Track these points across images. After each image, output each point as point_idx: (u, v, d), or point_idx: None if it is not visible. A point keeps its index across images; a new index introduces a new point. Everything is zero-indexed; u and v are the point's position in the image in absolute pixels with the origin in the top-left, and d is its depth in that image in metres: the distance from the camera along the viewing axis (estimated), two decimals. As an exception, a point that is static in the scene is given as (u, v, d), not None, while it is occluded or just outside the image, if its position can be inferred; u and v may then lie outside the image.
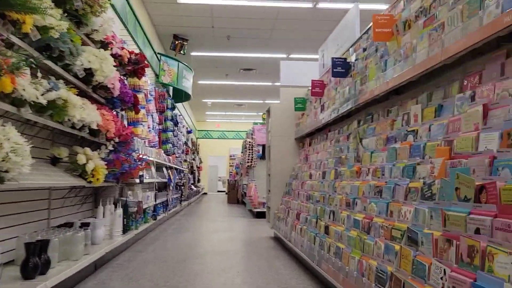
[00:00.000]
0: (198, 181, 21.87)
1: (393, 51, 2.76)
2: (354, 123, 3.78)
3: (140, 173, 5.44)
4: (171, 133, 10.29)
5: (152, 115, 8.35)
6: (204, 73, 14.80)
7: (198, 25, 10.34)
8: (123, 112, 5.89)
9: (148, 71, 9.50)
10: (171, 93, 12.20)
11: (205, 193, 24.41)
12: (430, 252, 1.72)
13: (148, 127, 7.76)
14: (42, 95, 2.80)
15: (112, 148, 4.45)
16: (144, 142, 7.30)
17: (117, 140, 4.43)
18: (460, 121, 1.92)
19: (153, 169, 7.03)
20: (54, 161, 3.75)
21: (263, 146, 10.10)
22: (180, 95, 12.59)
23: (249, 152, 9.73)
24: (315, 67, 6.27)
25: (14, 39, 2.54)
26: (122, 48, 4.86)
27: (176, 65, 10.96)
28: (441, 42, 2.08)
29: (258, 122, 15.89)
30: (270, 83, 16.20)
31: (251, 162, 9.71)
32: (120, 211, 4.87)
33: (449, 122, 2.04)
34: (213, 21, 10.04)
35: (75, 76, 3.61)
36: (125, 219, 5.14)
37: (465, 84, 2.07)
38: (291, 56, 12.44)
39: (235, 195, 16.11)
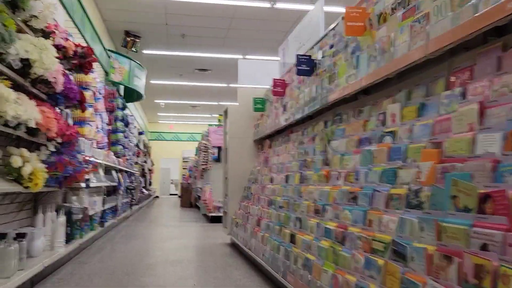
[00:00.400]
0: (150, 184, 21.14)
1: (366, 46, 2.57)
2: (320, 124, 3.57)
3: (86, 176, 4.98)
4: (121, 134, 9.75)
5: (101, 115, 7.82)
6: (157, 72, 14.27)
7: (151, 22, 9.87)
8: (68, 110, 5.39)
9: (97, 68, 8.94)
10: (122, 93, 11.61)
11: (157, 197, 23.69)
12: (422, 269, 1.51)
13: (97, 128, 7.25)
14: (-36, 86, 2.37)
15: (54, 150, 4.00)
16: (92, 143, 6.79)
17: (59, 140, 3.99)
18: (449, 121, 1.74)
19: (101, 172, 6.54)
20: (-16, 164, 3.28)
21: (219, 148, 9.79)
22: (132, 95, 12.02)
23: (204, 154, 9.38)
24: (274, 66, 6.06)
25: None
26: (67, 40, 4.41)
27: (128, 63, 10.43)
28: (425, 35, 1.89)
29: (214, 124, 15.55)
30: (225, 84, 15.90)
31: (206, 164, 9.37)
32: (62, 218, 4.40)
33: (435, 122, 1.85)
34: (167, 18, 9.62)
35: (9, 67, 3.16)
36: (68, 228, 4.67)
37: (452, 80, 1.89)
38: (247, 57, 12.20)
39: (189, 198, 15.66)
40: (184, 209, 14.27)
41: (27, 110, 3.21)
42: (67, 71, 4.84)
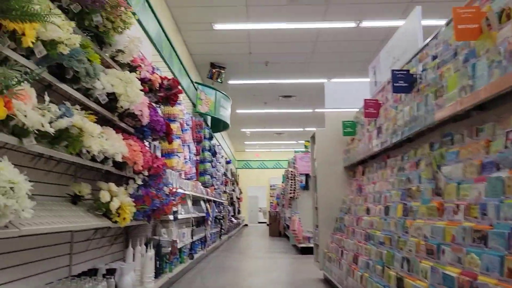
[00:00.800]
0: (239, 212, 21.29)
1: (484, 50, 2.12)
2: (424, 146, 3.10)
3: (174, 208, 4.93)
4: (209, 164, 9.84)
5: (188, 146, 7.93)
6: (242, 102, 14.46)
7: (235, 52, 10.01)
8: (156, 143, 5.46)
9: (184, 100, 9.19)
10: (209, 123, 11.86)
11: (246, 225, 23.75)
12: None
13: (184, 158, 7.33)
14: (51, 122, 2.35)
15: (141, 183, 3.97)
16: (180, 174, 6.85)
17: (146, 173, 3.95)
18: None
19: (189, 203, 6.52)
20: (75, 199, 3.29)
21: (307, 175, 9.45)
22: (218, 125, 12.22)
23: (291, 182, 9.10)
24: (363, 87, 5.65)
25: (14, 55, 2.12)
26: (153, 73, 4.45)
27: (214, 94, 10.62)
28: None
29: (300, 150, 15.27)
30: (310, 110, 15.63)
31: (293, 193, 9.06)
32: (151, 252, 4.34)
33: None
34: (250, 47, 9.68)
35: (97, 102, 3.18)
36: (157, 262, 4.61)
37: None
38: (333, 80, 11.86)
39: (277, 227, 15.37)
40: (273, 239, 14.00)
41: (113, 145, 3.17)
42: (154, 104, 4.90)
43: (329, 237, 5.44)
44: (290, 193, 9.05)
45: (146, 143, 5.08)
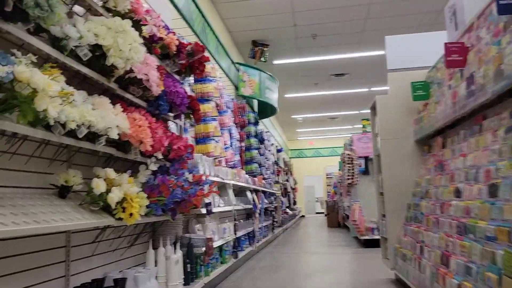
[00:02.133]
0: (294, 203, 20.32)
1: None
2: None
3: (206, 200, 4.07)
4: (255, 151, 8.95)
5: (229, 130, 7.08)
6: (290, 84, 13.43)
7: (278, 25, 9.00)
8: (182, 123, 4.63)
9: (225, 81, 8.35)
10: (255, 108, 10.97)
11: (302, 216, 22.76)
12: None
13: (225, 144, 6.48)
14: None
15: (155, 168, 3.13)
16: (219, 161, 6.01)
17: (160, 156, 3.10)
18: None
19: (230, 193, 5.67)
20: (63, 191, 2.49)
21: (366, 158, 8.31)
22: (266, 110, 11.29)
23: (349, 167, 8.00)
24: (434, 40, 4.46)
25: None
26: (168, 33, 3.59)
27: (258, 75, 9.70)
28: None
29: (357, 132, 14.02)
30: (366, 89, 14.30)
31: (352, 178, 7.96)
32: (179, 254, 3.51)
33: None
34: (294, 17, 8.63)
35: (85, 64, 2.35)
36: (188, 265, 3.78)
37: None
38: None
39: (336, 217, 14.27)
40: (332, 230, 12.92)
41: (104, 116, 2.34)
42: (176, 76, 4.06)
43: (400, 229, 4.36)
44: (348, 179, 7.97)
45: (172, 125, 4.27)
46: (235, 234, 5.42)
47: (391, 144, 4.54)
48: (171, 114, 3.76)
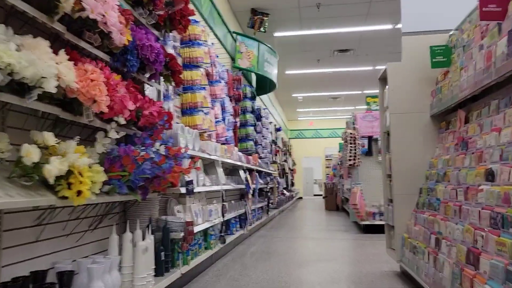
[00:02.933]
0: (292, 184, 19.84)
1: None
2: None
3: (186, 177, 3.50)
4: (251, 128, 8.36)
5: (222, 103, 6.48)
6: (291, 60, 12.75)
7: (279, -8, 8.31)
8: (163, 88, 4.02)
9: (221, 53, 7.71)
10: (253, 83, 10.33)
11: (300, 198, 22.31)
12: None
13: (216, 118, 5.88)
14: None
15: (118, 136, 2.55)
16: (209, 136, 5.43)
17: (122, 121, 2.51)
18: None
19: (219, 171, 5.10)
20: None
21: (369, 138, 7.72)
22: (264, 85, 10.64)
23: (351, 146, 7.42)
24: None
25: None
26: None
27: (256, 46, 9.03)
28: None
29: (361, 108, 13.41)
30: (370, 68, 13.63)
31: (354, 160, 7.39)
32: (148, 241, 2.95)
33: None
34: (297, -17, 7.93)
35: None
36: (162, 253, 3.23)
37: None
38: (399, 26, 9.81)
39: (334, 200, 13.77)
40: (329, 213, 12.42)
41: (34, 61, 1.74)
42: (156, 32, 3.44)
43: (409, 217, 3.81)
44: (350, 159, 7.40)
45: (152, 93, 3.67)
46: (223, 216, 4.87)
47: (403, 120, 3.94)
48: (147, 76, 3.17)
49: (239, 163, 6.19)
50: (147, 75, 3.19)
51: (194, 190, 3.75)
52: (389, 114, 4.02)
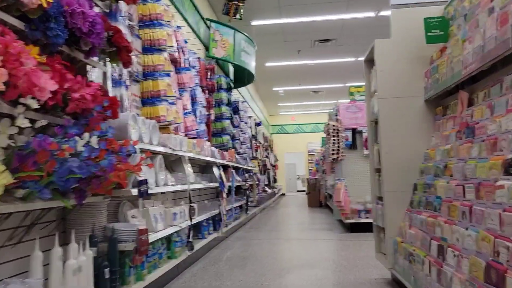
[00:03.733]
0: (274, 181, 19.32)
1: None
2: None
3: (139, 177, 2.91)
4: (228, 121, 7.78)
5: (193, 94, 5.90)
6: (271, 51, 12.19)
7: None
8: (119, 74, 3.41)
9: (192, 38, 7.10)
10: (231, 75, 9.75)
11: (283, 194, 21.82)
12: None
13: (184, 109, 5.30)
14: None
15: (30, 125, 1.95)
16: (176, 129, 4.84)
17: (35, 104, 1.90)
18: None
19: (188, 169, 4.52)
20: None
21: (353, 131, 7.23)
22: (242, 77, 10.07)
23: (334, 139, 6.90)
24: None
25: None
26: None
27: (232, 34, 8.43)
28: None
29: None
30: (352, 58, 13.17)
31: (337, 154, 6.88)
32: (82, 258, 2.36)
33: None
34: (274, -36, 7.37)
35: None
36: (106, 269, 2.64)
37: None
38: (382, 13, 9.32)
39: (317, 197, 13.30)
40: (313, 210, 11.93)
41: None
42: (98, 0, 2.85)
43: (402, 217, 3.29)
44: (333, 153, 6.88)
45: (98, 79, 3.06)
46: (191, 219, 4.29)
47: (393, 105, 3.42)
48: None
49: (211, 159, 5.60)
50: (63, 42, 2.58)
51: (151, 191, 3.16)
52: (378, 99, 3.49)
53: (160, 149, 3.61)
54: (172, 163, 4.51)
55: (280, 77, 15.43)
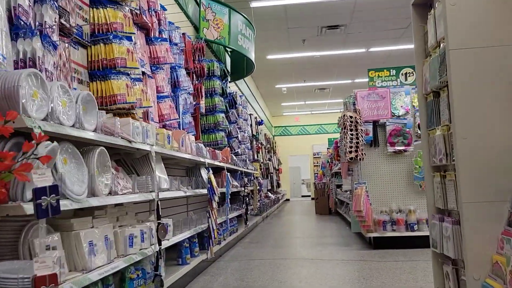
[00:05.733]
0: (278, 186, 17.98)
1: None
2: None
3: (37, 182, 1.61)
4: (222, 115, 6.47)
5: (173, 74, 4.61)
6: (274, 41, 10.91)
7: None
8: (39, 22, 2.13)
9: (177, 16, 5.84)
10: (228, 66, 8.48)
11: (287, 200, 20.46)
12: None
13: (158, 91, 4.00)
14: None
15: None
16: (144, 114, 3.55)
17: None
18: None
19: (159, 170, 3.21)
20: None
21: (374, 124, 5.91)
22: (239, 67, 8.78)
23: (351, 134, 5.58)
24: None
25: None
26: None
27: (227, 13, 7.14)
28: None
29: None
30: (363, 49, 11.88)
31: (356, 151, 5.56)
32: None
33: None
34: None
35: None
36: None
37: None
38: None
39: (326, 203, 11.96)
40: (322, 219, 10.59)
41: None
42: None
43: (494, 245, 1.97)
44: (350, 151, 5.56)
45: None
46: (160, 242, 2.96)
47: (475, 61, 2.10)
48: None
49: (197, 159, 4.29)
50: None
51: (67, 207, 1.85)
52: (449, 52, 2.15)
53: (101, 138, 2.30)
54: (136, 162, 3.20)
55: (284, 73, 14.13)
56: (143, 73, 3.60)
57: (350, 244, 6.06)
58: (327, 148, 18.62)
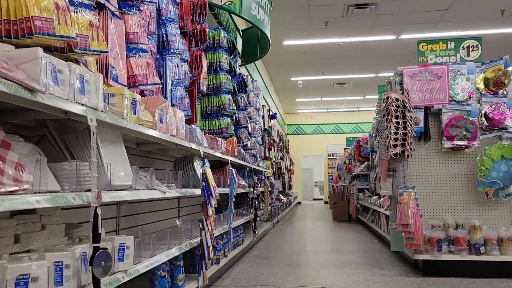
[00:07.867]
0: (290, 187, 16.62)
1: None
2: None
3: None
4: (227, 96, 5.15)
5: (163, 31, 3.33)
6: (292, 23, 9.57)
7: None
8: None
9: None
10: (239, 45, 7.15)
11: (299, 203, 19.08)
12: None
13: (131, 39, 2.69)
14: None
15: None
16: (102, 66, 2.25)
17: None
18: None
19: (103, 155, 1.90)
20: None
21: (426, 111, 4.54)
22: (251, 46, 7.46)
23: (397, 123, 4.23)
24: None
25: None
26: None
27: (237, -24, 5.82)
28: None
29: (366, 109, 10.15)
30: (393, 37, 10.48)
31: (403, 145, 4.21)
32: None
33: None
34: None
35: None
36: None
37: None
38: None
39: (345, 208, 10.58)
40: (341, 227, 9.21)
41: None
42: None
43: None
44: (395, 145, 4.22)
45: None
46: (97, 285, 1.65)
47: None
48: None
49: (186, 144, 2.97)
50: None
51: None
52: None
53: None
54: (74, 140, 1.90)
55: (301, 63, 12.77)
56: (99, 3, 2.29)
57: (387, 266, 4.69)
58: (344, 149, 17.25)
